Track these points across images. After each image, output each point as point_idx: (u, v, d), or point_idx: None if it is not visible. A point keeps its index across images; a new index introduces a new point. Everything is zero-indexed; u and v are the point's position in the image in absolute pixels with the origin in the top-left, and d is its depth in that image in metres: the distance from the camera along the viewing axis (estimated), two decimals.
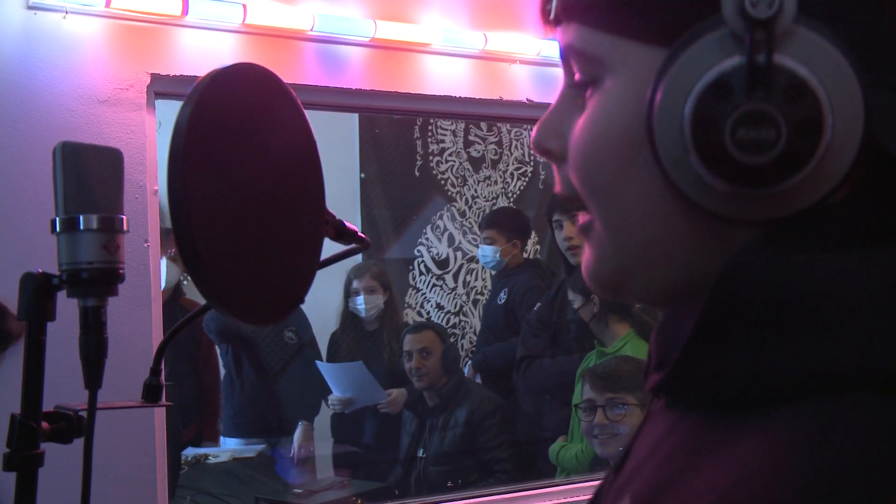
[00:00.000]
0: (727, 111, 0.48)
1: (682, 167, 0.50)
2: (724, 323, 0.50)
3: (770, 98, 0.47)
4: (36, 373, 0.98)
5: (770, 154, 0.47)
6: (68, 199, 0.96)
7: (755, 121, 0.47)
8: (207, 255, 0.76)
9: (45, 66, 1.97)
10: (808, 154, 0.48)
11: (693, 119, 0.49)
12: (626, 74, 0.54)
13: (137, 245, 2.03)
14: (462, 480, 3.28)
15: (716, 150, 0.48)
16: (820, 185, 0.49)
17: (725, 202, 0.50)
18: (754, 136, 0.47)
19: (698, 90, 0.49)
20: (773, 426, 0.47)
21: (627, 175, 0.54)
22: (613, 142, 0.54)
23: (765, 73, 0.47)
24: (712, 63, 0.49)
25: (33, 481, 0.98)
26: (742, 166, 0.48)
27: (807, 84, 0.47)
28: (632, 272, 0.57)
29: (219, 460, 3.61)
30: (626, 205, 0.55)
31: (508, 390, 3.53)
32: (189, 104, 0.78)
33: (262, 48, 2.20)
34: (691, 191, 0.51)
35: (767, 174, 0.48)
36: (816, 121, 0.47)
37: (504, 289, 3.72)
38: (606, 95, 0.55)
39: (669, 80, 0.50)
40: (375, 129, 4.71)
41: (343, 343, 3.80)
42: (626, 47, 0.53)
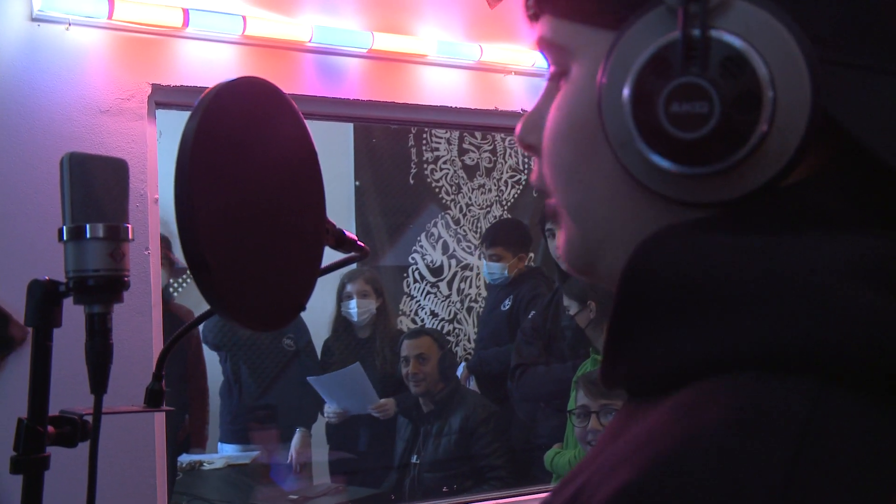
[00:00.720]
0: (662, 86, 0.47)
1: (629, 148, 0.49)
2: (633, 307, 0.50)
3: (704, 71, 0.46)
4: (42, 378, 1.00)
5: (704, 128, 0.46)
6: (75, 208, 0.99)
7: (687, 95, 0.46)
8: (214, 264, 0.78)
9: (48, 77, 1.99)
10: (747, 129, 0.46)
11: (633, 97, 0.48)
12: (586, 60, 0.54)
13: (138, 252, 2.05)
14: (457, 486, 3.29)
15: (653, 127, 0.47)
16: (768, 164, 0.47)
17: (673, 184, 0.49)
18: (687, 110, 0.46)
19: (636, 67, 0.48)
20: (663, 407, 0.46)
21: (587, 159, 0.54)
22: (574, 127, 0.54)
23: (700, 46, 0.46)
24: (651, 40, 0.48)
25: (39, 484, 1.00)
26: (679, 143, 0.47)
27: (743, 56, 0.46)
28: (600, 255, 0.56)
29: (214, 466, 3.61)
30: (586, 189, 0.55)
31: (503, 397, 3.54)
32: (195, 117, 0.80)
33: (262, 59, 2.23)
34: (639, 173, 0.50)
35: (706, 151, 0.46)
36: (755, 94, 0.45)
37: (509, 296, 3.72)
38: (571, 82, 0.55)
39: (613, 60, 0.49)
40: (371, 138, 4.72)
41: (336, 350, 3.81)
42: (587, 34, 0.54)
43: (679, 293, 0.48)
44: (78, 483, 1.01)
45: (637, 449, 0.43)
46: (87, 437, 1.02)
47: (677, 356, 0.47)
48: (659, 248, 0.49)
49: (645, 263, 0.50)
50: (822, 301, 0.44)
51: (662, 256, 0.49)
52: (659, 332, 0.48)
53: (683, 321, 0.47)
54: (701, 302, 0.47)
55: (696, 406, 0.44)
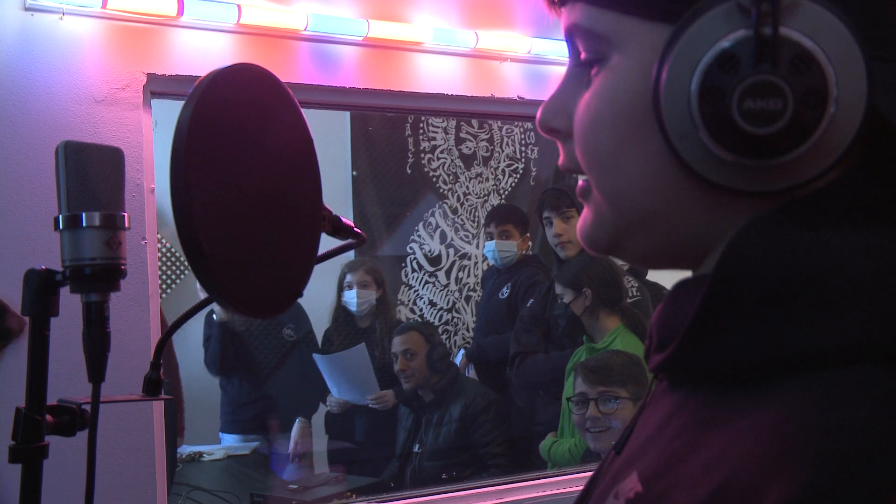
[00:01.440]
0: (734, 83, 0.48)
1: (689, 140, 0.51)
2: (728, 300, 0.51)
3: (776, 69, 0.48)
4: (40, 367, 1.00)
5: (777, 125, 0.48)
6: (71, 196, 0.98)
7: (762, 92, 0.48)
8: (211, 251, 0.78)
9: (42, 67, 1.99)
10: (813, 125, 0.48)
11: (700, 92, 0.50)
12: (632, 51, 0.55)
13: (135, 242, 2.05)
14: (457, 474, 3.30)
15: (723, 122, 0.49)
16: (823, 157, 0.49)
17: (729, 173, 0.51)
18: (761, 107, 0.48)
19: (705, 63, 0.49)
20: (781, 399, 0.47)
21: (631, 147, 0.55)
22: (618, 115, 0.55)
23: (771, 44, 0.48)
24: (718, 37, 0.49)
25: (38, 473, 1.00)
26: (749, 137, 0.49)
27: (812, 55, 0.48)
28: (629, 236, 0.58)
29: (214, 457, 3.62)
30: (628, 176, 0.56)
31: (502, 385, 3.54)
32: (190, 104, 0.79)
33: (257, 48, 2.22)
34: (697, 163, 0.51)
35: (773, 145, 0.49)
36: (822, 92, 0.48)
37: (507, 283, 3.71)
38: (613, 71, 0.56)
39: (676, 54, 0.51)
40: (367, 127, 4.72)
41: (336, 339, 3.82)
42: (632, 24, 0.54)
43: (781, 287, 0.49)
44: (76, 472, 1.01)
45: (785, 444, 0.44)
46: (86, 426, 1.02)
47: (784, 347, 0.49)
48: (754, 242, 0.51)
49: (742, 258, 0.51)
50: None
51: (759, 251, 0.51)
52: (757, 322, 0.50)
53: (782, 314, 0.49)
54: (804, 296, 0.49)
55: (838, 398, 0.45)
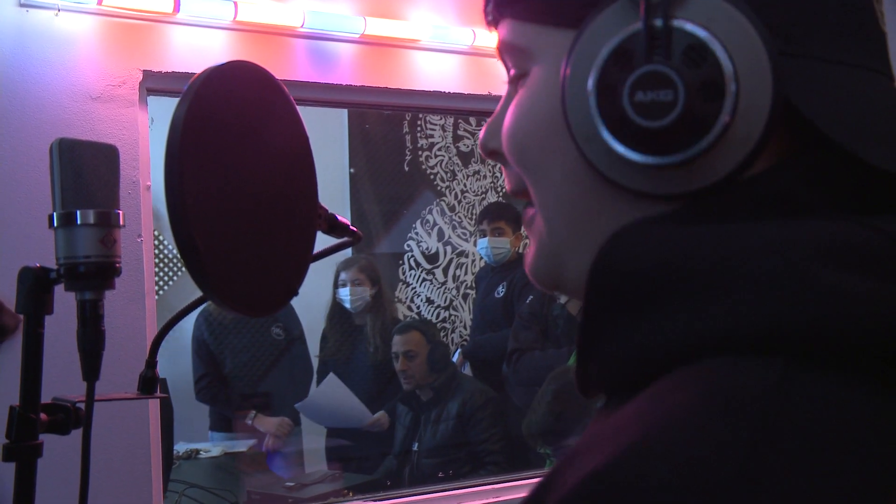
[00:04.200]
0: (626, 76, 0.47)
1: (594, 142, 0.50)
2: (598, 306, 0.50)
3: (669, 60, 0.47)
4: (34, 365, 1.00)
5: (670, 116, 0.46)
6: (65, 194, 0.98)
7: (652, 82, 0.47)
8: (204, 248, 0.78)
9: (37, 64, 1.98)
10: (711, 118, 0.46)
11: (596, 88, 0.49)
12: (547, 60, 0.54)
13: (131, 240, 2.04)
14: (454, 472, 3.30)
15: (618, 118, 0.48)
16: (732, 153, 0.47)
17: (639, 176, 0.49)
18: (652, 99, 0.46)
19: (600, 60, 0.48)
20: (640, 395, 0.45)
21: (552, 156, 0.54)
22: (537, 125, 0.55)
23: (662, 36, 0.47)
24: (614, 33, 0.48)
25: (32, 472, 1.00)
26: (644, 132, 0.47)
27: (706, 46, 0.46)
28: (565, 261, 0.56)
29: (210, 455, 3.62)
30: (554, 188, 0.55)
31: (499, 383, 3.54)
32: (185, 101, 0.79)
33: (253, 45, 2.22)
34: (604, 166, 0.50)
35: (671, 140, 0.47)
36: (718, 82, 0.46)
37: (502, 282, 3.71)
38: (531, 81, 0.56)
39: (576, 54, 0.50)
40: (365, 125, 4.72)
41: (332, 337, 3.82)
42: (548, 34, 0.54)
43: (643, 285, 0.47)
44: (71, 470, 1.01)
45: (606, 437, 0.43)
46: (80, 424, 1.02)
47: (645, 349, 0.47)
48: (622, 242, 0.49)
49: (609, 258, 0.50)
50: (786, 282, 0.43)
51: (626, 250, 0.49)
52: (626, 326, 0.48)
53: (649, 313, 0.47)
54: (665, 292, 0.46)
55: (663, 394, 0.44)
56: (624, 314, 0.48)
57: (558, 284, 0.58)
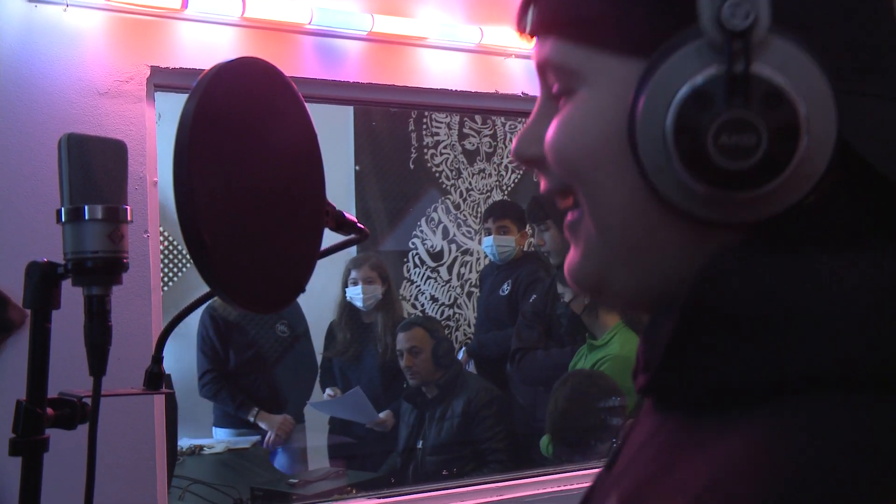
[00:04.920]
0: (708, 119, 0.49)
1: (665, 173, 0.52)
2: (699, 325, 0.52)
3: (748, 106, 0.49)
4: (41, 360, 1.00)
5: (751, 159, 0.49)
6: (74, 189, 0.98)
7: (736, 128, 0.49)
8: (212, 244, 0.78)
9: (45, 59, 1.98)
10: (786, 158, 0.49)
11: (675, 127, 0.50)
12: (603, 85, 0.55)
13: (137, 235, 2.04)
14: (458, 470, 3.30)
15: (698, 157, 0.50)
16: (797, 188, 0.51)
17: (706, 206, 0.52)
18: (735, 143, 0.49)
19: (679, 99, 0.50)
20: (750, 425, 0.47)
21: (610, 177, 0.56)
22: (591, 146, 0.56)
23: (743, 81, 0.49)
24: (692, 73, 0.50)
25: (38, 466, 1.00)
26: (724, 172, 0.50)
27: (783, 92, 0.49)
28: (615, 273, 0.58)
29: (214, 451, 3.62)
30: (612, 205, 0.56)
31: (503, 381, 3.54)
32: (194, 97, 0.79)
33: (261, 41, 2.22)
34: (673, 196, 0.52)
35: (748, 179, 0.50)
36: (793, 126, 0.49)
37: (507, 280, 3.71)
38: (582, 101, 0.56)
39: (651, 89, 0.51)
40: (371, 122, 4.71)
41: (339, 335, 3.81)
42: (603, 60, 0.55)
43: (749, 313, 0.50)
44: (77, 465, 1.01)
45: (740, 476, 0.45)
46: (87, 419, 1.02)
47: (749, 373, 0.49)
48: (721, 269, 0.52)
49: (713, 284, 0.52)
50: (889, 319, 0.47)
51: (729, 278, 0.51)
52: (728, 349, 0.50)
53: (754, 340, 0.50)
54: (770, 322, 0.49)
55: (794, 430, 0.46)
56: (725, 337, 0.51)
57: (600, 291, 0.60)
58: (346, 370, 3.83)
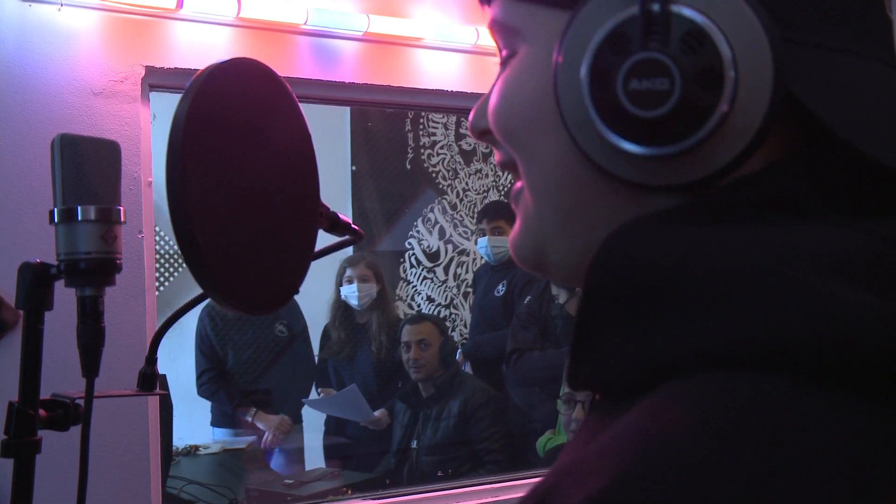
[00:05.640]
0: (620, 63, 0.45)
1: (586, 129, 0.48)
2: (598, 305, 0.48)
3: (665, 46, 0.45)
4: (34, 361, 1.00)
5: (665, 105, 0.45)
6: (66, 190, 0.98)
7: (647, 71, 0.45)
8: (205, 246, 0.78)
9: (40, 59, 1.98)
10: (709, 108, 0.44)
11: (590, 73, 0.47)
12: (537, 41, 0.53)
13: (132, 236, 2.04)
14: (453, 470, 3.30)
15: (611, 106, 0.46)
16: (730, 145, 0.45)
17: (631, 166, 0.47)
18: (647, 87, 0.45)
19: (594, 44, 0.47)
20: (638, 407, 0.43)
21: (542, 138, 0.52)
22: (525, 104, 0.53)
23: (660, 21, 0.45)
24: (609, 16, 0.46)
25: (31, 468, 1.00)
26: (638, 121, 0.45)
27: (705, 32, 0.44)
28: (551, 243, 0.54)
29: (210, 451, 3.62)
30: (543, 168, 0.53)
31: (499, 382, 3.55)
32: (187, 97, 0.79)
33: (256, 41, 2.22)
34: (596, 154, 0.48)
35: (667, 130, 0.45)
36: (716, 70, 0.44)
37: (502, 281, 3.71)
38: (518, 61, 0.54)
39: (569, 38, 0.48)
40: (367, 123, 4.71)
41: (334, 335, 3.81)
42: (540, 15, 0.53)
43: (645, 288, 0.45)
44: (70, 467, 1.01)
45: (604, 455, 0.41)
46: (79, 420, 1.02)
47: (643, 355, 0.45)
48: (625, 240, 0.47)
49: (610, 257, 0.48)
50: (794, 296, 0.41)
51: (628, 249, 0.47)
52: (625, 329, 0.46)
53: (646, 319, 0.45)
54: (667, 297, 0.44)
55: (661, 408, 0.41)
56: (620, 318, 0.47)
57: (540, 265, 0.57)
58: (340, 370, 3.83)
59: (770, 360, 0.41)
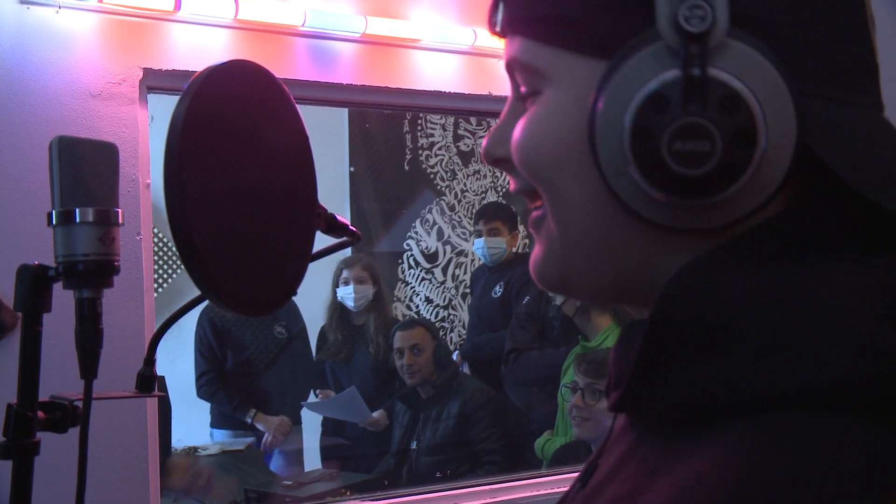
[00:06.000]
0: (664, 123, 0.48)
1: (622, 176, 0.51)
2: (668, 342, 0.51)
3: (705, 110, 0.48)
4: (32, 363, 0.99)
5: (706, 166, 0.48)
6: (64, 192, 0.98)
7: (691, 133, 0.48)
8: (202, 247, 0.78)
9: (37, 61, 1.98)
10: (743, 164, 0.48)
11: (632, 130, 0.49)
12: (566, 84, 0.55)
13: (130, 238, 2.04)
14: (452, 471, 3.30)
15: (653, 162, 0.49)
16: (756, 194, 0.50)
17: (664, 211, 0.51)
18: (690, 149, 0.48)
19: (637, 102, 0.49)
20: (716, 446, 0.46)
21: (571, 179, 0.55)
22: (554, 146, 0.55)
23: (699, 85, 0.48)
24: (650, 76, 0.49)
25: (29, 470, 1.00)
26: (679, 178, 0.49)
27: (740, 96, 0.48)
28: (577, 271, 0.57)
29: (208, 452, 3.62)
30: (572, 205, 0.56)
31: (497, 383, 3.55)
32: (185, 99, 0.79)
33: (254, 43, 2.22)
34: (630, 199, 0.51)
35: (705, 185, 0.49)
36: (750, 131, 0.48)
37: (500, 282, 3.71)
38: (547, 102, 0.56)
39: (609, 91, 0.51)
40: (365, 124, 4.72)
41: (331, 337, 3.81)
42: (568, 60, 0.54)
43: (715, 328, 0.49)
44: (68, 469, 1.01)
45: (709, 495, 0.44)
46: (78, 422, 1.02)
47: (712, 390, 0.48)
48: (686, 285, 0.51)
49: (679, 300, 0.51)
50: (858, 339, 0.46)
51: (695, 294, 0.50)
52: (695, 364, 0.49)
53: (721, 357, 0.48)
54: (738, 339, 0.48)
55: (753, 447, 0.45)
56: (690, 354, 0.50)
57: (564, 288, 0.59)
58: (337, 372, 3.83)
59: (841, 401, 0.45)
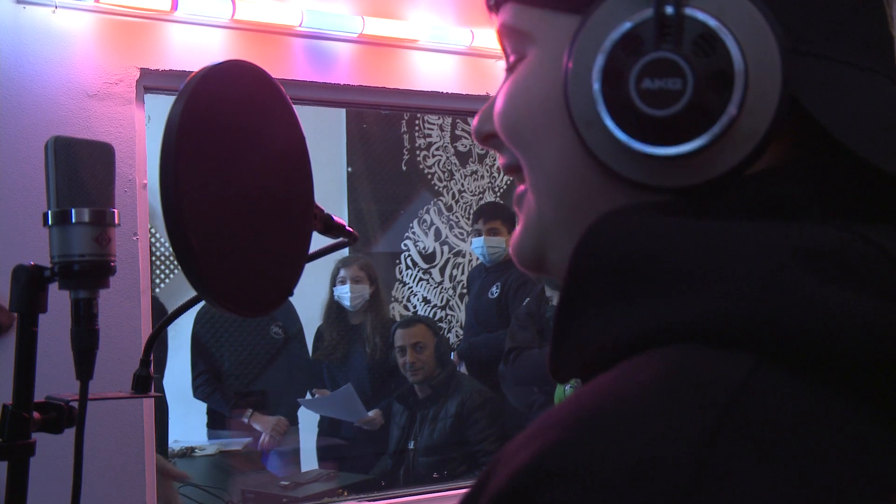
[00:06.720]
0: (634, 62, 0.46)
1: (595, 128, 0.49)
2: (579, 289, 0.49)
3: (677, 49, 0.46)
4: (28, 364, 0.99)
5: (676, 105, 0.45)
6: (60, 192, 0.98)
7: (660, 70, 0.46)
8: (199, 248, 0.78)
9: (34, 61, 1.98)
10: (718, 110, 0.45)
11: (602, 73, 0.48)
12: (547, 44, 0.53)
13: (126, 238, 2.04)
14: (449, 472, 3.30)
15: (623, 105, 0.47)
16: (736, 149, 0.46)
17: (638, 167, 0.48)
18: (659, 87, 0.46)
19: (608, 45, 0.48)
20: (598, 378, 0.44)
21: (548, 139, 0.53)
22: (532, 106, 0.54)
23: (673, 23, 0.46)
24: (623, 19, 0.47)
25: (25, 471, 1.00)
26: (648, 121, 0.46)
27: (717, 36, 0.45)
28: (552, 243, 0.55)
29: (206, 453, 3.62)
30: (547, 169, 0.54)
31: (493, 384, 3.55)
32: (181, 100, 0.79)
33: (251, 43, 2.21)
34: (603, 153, 0.49)
35: (676, 131, 0.46)
36: (727, 74, 0.45)
37: (496, 283, 3.72)
38: (527, 63, 0.55)
39: (581, 40, 0.49)
40: (363, 124, 4.71)
41: (328, 336, 3.81)
42: (551, 19, 0.53)
43: (626, 272, 0.46)
44: (64, 469, 1.00)
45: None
46: (74, 423, 1.02)
47: (616, 334, 0.46)
48: (608, 226, 0.48)
49: (590, 243, 0.49)
50: (765, 284, 0.43)
51: (611, 234, 0.48)
52: (600, 311, 0.47)
53: (624, 300, 0.46)
54: (643, 281, 0.46)
55: (622, 373, 0.42)
56: (599, 300, 0.47)
57: (540, 266, 0.57)
58: (334, 372, 3.83)
59: (739, 338, 0.42)
